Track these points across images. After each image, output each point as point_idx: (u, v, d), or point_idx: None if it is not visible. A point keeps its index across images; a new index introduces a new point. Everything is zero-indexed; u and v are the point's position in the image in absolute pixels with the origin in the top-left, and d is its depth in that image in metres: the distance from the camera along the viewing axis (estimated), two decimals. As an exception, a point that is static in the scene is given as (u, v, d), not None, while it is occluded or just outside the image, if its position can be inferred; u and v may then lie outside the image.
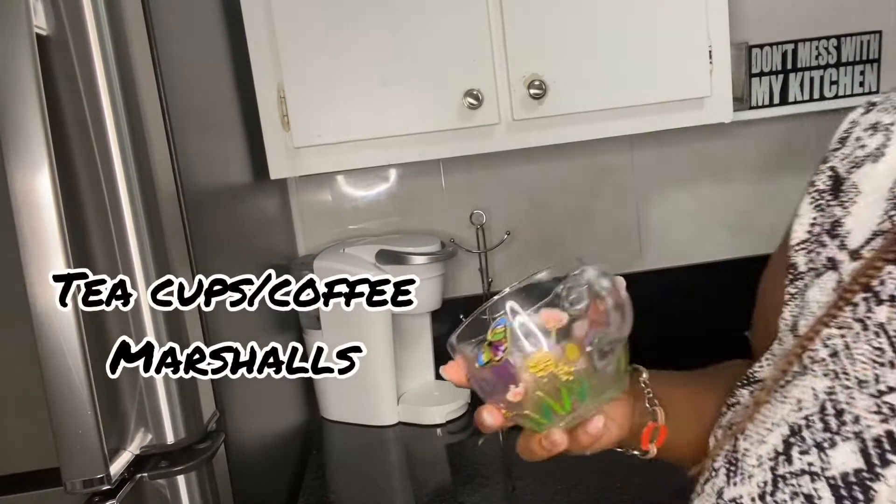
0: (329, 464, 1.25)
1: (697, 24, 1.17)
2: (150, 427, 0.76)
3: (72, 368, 0.64)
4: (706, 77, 1.18)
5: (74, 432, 0.65)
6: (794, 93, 1.36)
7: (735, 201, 1.57)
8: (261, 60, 1.16)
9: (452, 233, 1.50)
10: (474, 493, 1.07)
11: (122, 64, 0.72)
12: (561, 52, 1.16)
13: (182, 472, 0.77)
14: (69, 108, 0.70)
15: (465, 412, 1.36)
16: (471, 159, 1.50)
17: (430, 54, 1.15)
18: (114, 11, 0.72)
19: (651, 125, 1.21)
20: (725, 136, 1.55)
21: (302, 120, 1.16)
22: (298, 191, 1.52)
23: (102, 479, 0.66)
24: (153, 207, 0.75)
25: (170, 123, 0.81)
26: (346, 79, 1.15)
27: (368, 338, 1.32)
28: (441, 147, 1.20)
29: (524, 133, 1.20)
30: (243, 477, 0.91)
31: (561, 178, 1.54)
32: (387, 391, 1.34)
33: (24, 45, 0.62)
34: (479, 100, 1.15)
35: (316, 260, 1.34)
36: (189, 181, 0.85)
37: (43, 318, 0.63)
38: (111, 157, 0.72)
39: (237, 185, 1.13)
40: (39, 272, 0.63)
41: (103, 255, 0.73)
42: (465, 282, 1.55)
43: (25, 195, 0.62)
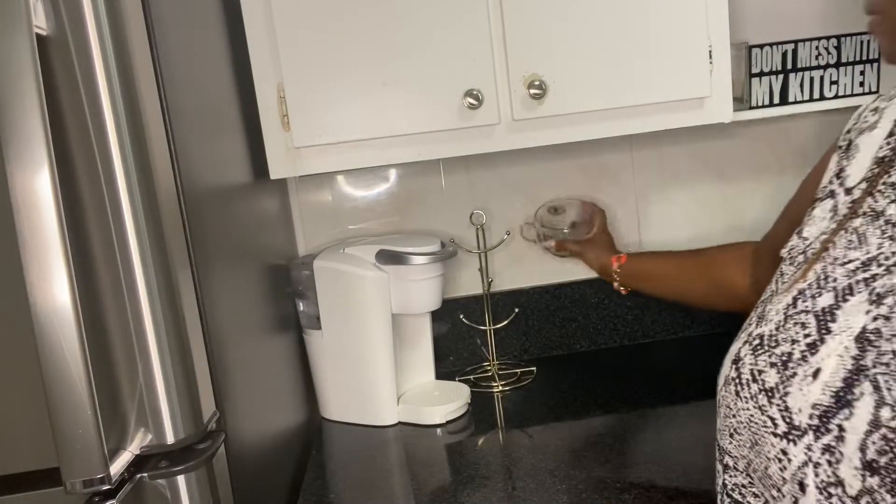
0: (329, 464, 1.25)
1: (697, 24, 1.17)
2: (150, 427, 0.76)
3: (72, 368, 0.64)
4: (706, 77, 1.18)
5: (74, 432, 0.65)
6: (794, 93, 1.36)
7: (735, 201, 1.57)
8: (261, 60, 1.16)
9: (452, 233, 1.50)
10: (474, 493, 1.07)
11: (122, 64, 0.72)
12: (561, 52, 1.16)
13: (182, 472, 0.77)
14: (69, 108, 0.70)
15: (465, 412, 1.36)
16: (471, 159, 1.50)
17: (430, 54, 1.15)
18: (114, 11, 0.72)
19: (651, 125, 1.21)
20: (725, 136, 1.55)
21: (302, 120, 1.16)
22: (298, 191, 1.52)
23: (102, 479, 0.66)
24: (153, 207, 0.75)
25: (170, 123, 0.81)
26: (346, 79, 1.15)
27: (368, 338, 1.33)
28: (441, 147, 1.20)
29: (524, 133, 1.20)
30: (243, 477, 0.91)
31: (561, 178, 1.54)
32: (387, 391, 1.34)
33: (24, 45, 0.62)
34: (479, 100, 1.15)
35: (316, 260, 1.34)
36: (189, 181, 0.85)
37: (43, 318, 0.63)
38: (111, 157, 0.72)
39: (237, 185, 1.13)
40: (39, 272, 0.63)
41: (103, 255, 0.73)
42: (465, 282, 1.55)
43: (25, 195, 0.62)
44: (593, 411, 1.31)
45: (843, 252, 0.65)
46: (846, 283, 0.63)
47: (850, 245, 0.65)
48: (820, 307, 0.64)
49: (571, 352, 1.58)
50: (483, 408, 1.38)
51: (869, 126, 0.72)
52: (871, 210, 0.66)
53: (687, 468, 1.07)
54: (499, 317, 1.53)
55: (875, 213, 0.65)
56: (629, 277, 1.18)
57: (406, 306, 1.34)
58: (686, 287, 1.11)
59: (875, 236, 0.64)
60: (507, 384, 1.46)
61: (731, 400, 0.69)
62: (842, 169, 0.73)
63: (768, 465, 0.65)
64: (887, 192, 0.65)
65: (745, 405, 0.67)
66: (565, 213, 1.31)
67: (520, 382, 1.46)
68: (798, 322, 0.65)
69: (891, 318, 0.58)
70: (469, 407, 1.37)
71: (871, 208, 0.66)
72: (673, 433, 1.22)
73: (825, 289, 0.65)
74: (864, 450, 0.56)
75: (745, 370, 0.68)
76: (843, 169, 0.73)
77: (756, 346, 0.68)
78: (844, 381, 0.59)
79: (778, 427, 0.63)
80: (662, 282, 1.15)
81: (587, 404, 1.34)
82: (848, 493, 0.57)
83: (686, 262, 1.13)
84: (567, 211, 1.31)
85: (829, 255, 0.67)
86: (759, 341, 0.68)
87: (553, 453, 1.17)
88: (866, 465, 0.56)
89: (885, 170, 0.67)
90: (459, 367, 1.56)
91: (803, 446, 0.61)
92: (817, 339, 0.62)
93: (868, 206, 0.66)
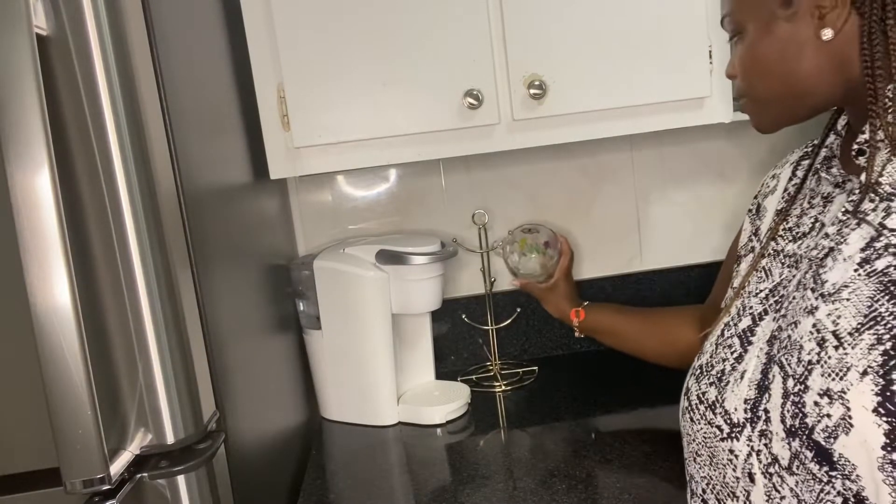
0: (329, 464, 1.25)
1: (697, 24, 1.17)
2: (150, 427, 0.76)
3: (72, 368, 0.64)
4: (706, 77, 1.18)
5: (74, 432, 0.65)
6: (794, 93, 1.36)
7: (734, 201, 1.57)
8: (261, 60, 1.16)
9: (452, 232, 1.50)
10: (474, 493, 1.07)
11: (122, 64, 0.72)
12: (561, 52, 1.16)
13: (182, 472, 0.77)
14: (69, 108, 0.70)
15: (465, 412, 1.36)
16: (471, 159, 1.50)
17: (430, 54, 1.15)
18: (114, 11, 0.72)
19: (651, 125, 1.21)
20: (725, 136, 1.55)
21: (302, 120, 1.16)
22: (298, 191, 1.52)
23: (102, 479, 0.66)
24: (153, 207, 0.75)
25: (170, 123, 0.81)
26: (346, 79, 1.15)
27: (368, 338, 1.33)
28: (441, 147, 1.20)
29: (524, 133, 1.20)
30: (243, 477, 0.91)
31: (561, 178, 1.54)
32: (387, 391, 1.34)
33: (24, 45, 0.62)
34: (479, 100, 1.15)
35: (316, 260, 1.34)
36: (189, 181, 0.85)
37: (43, 318, 0.63)
38: (111, 157, 0.72)
39: (237, 185, 1.13)
40: (39, 272, 0.63)
41: (103, 255, 0.73)
42: (466, 282, 1.55)
43: (25, 195, 0.62)
44: (594, 411, 1.31)
45: (755, 286, 0.80)
46: (760, 309, 0.77)
47: (759, 280, 0.80)
48: (741, 329, 0.77)
49: (572, 352, 1.58)
50: (483, 408, 1.38)
51: (770, 190, 0.89)
52: (773, 251, 0.80)
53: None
54: (500, 317, 1.53)
55: (776, 252, 0.80)
56: (587, 330, 1.28)
57: (406, 306, 1.34)
58: (640, 344, 1.20)
59: (777, 268, 0.78)
60: (510, 384, 1.46)
61: (688, 427, 0.80)
62: (757, 228, 0.88)
63: (724, 472, 0.74)
64: (786, 235, 0.80)
65: (699, 426, 0.78)
66: (538, 234, 1.36)
67: (521, 382, 1.46)
68: (726, 345, 0.78)
69: (786, 315, 0.72)
70: (469, 407, 1.37)
71: (774, 249, 0.80)
72: (673, 433, 1.22)
73: (744, 316, 0.78)
74: (784, 420, 0.67)
75: (693, 396, 0.80)
76: (758, 228, 0.88)
77: (698, 374, 0.81)
78: (762, 373, 0.72)
79: (723, 430, 0.74)
80: (617, 338, 1.24)
81: (587, 404, 1.34)
82: (782, 465, 0.67)
83: (641, 320, 1.21)
84: (540, 232, 1.36)
85: (745, 291, 0.81)
86: (700, 370, 0.80)
87: (553, 453, 1.17)
88: (788, 432, 0.66)
89: (783, 218, 0.82)
90: (460, 366, 1.56)
91: (745, 439, 0.71)
92: (742, 352, 0.76)
93: (771, 248, 0.81)
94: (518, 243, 1.37)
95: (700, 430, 0.78)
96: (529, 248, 1.36)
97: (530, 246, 1.36)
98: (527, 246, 1.37)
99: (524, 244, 1.36)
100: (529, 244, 1.36)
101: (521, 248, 1.37)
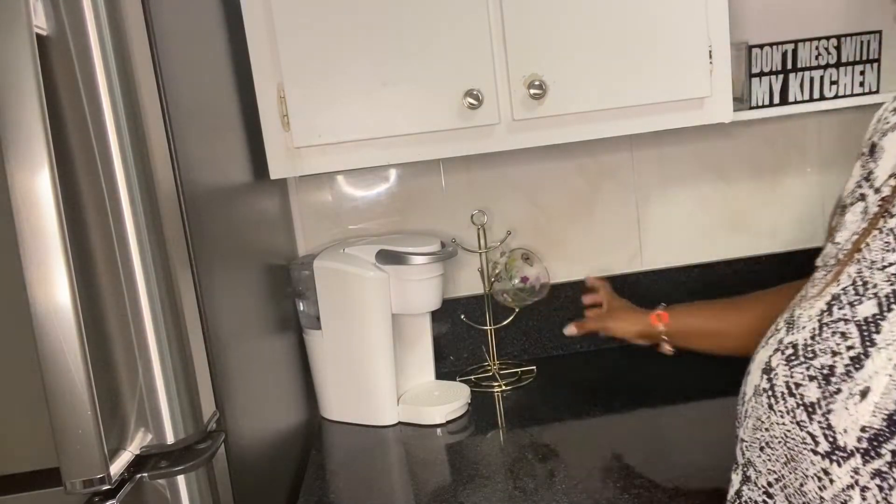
0: (329, 464, 1.25)
1: (697, 24, 1.17)
2: (150, 427, 0.76)
3: (72, 368, 0.64)
4: (706, 77, 1.18)
5: (74, 432, 0.65)
6: (794, 93, 1.36)
7: (735, 201, 1.57)
8: (261, 60, 1.16)
9: (452, 233, 1.50)
10: (474, 493, 1.07)
11: (122, 64, 0.72)
12: (561, 52, 1.16)
13: (182, 472, 0.77)
14: (69, 108, 0.70)
15: (465, 412, 1.36)
16: (471, 159, 1.50)
17: (429, 54, 1.15)
18: (114, 11, 0.72)
19: (651, 125, 1.21)
20: (725, 136, 1.55)
21: (302, 120, 1.16)
22: (298, 191, 1.52)
23: (102, 479, 0.66)
24: (153, 207, 0.75)
25: (170, 123, 0.81)
26: (346, 79, 1.15)
27: (368, 338, 1.33)
28: (441, 147, 1.20)
29: (524, 133, 1.20)
30: (243, 477, 0.91)
31: (561, 178, 1.54)
32: (387, 391, 1.34)
33: (24, 45, 0.62)
34: (479, 100, 1.15)
35: (316, 260, 1.34)
36: (189, 181, 0.85)
37: (43, 318, 0.63)
38: (111, 157, 0.72)
39: (237, 185, 1.13)
40: (39, 272, 0.63)
41: (103, 255, 0.73)
42: (465, 282, 1.55)
43: (25, 195, 0.62)
44: (593, 411, 1.31)
45: (879, 255, 0.62)
46: (889, 290, 0.60)
47: (886, 247, 0.62)
48: (861, 316, 0.61)
49: (571, 352, 1.58)
50: (483, 408, 1.38)
51: (891, 126, 0.69)
52: None
53: (687, 468, 1.07)
54: (499, 317, 1.52)
55: None
56: (677, 336, 1.03)
57: (406, 306, 1.34)
58: (744, 341, 0.90)
59: None
60: (508, 384, 1.46)
61: (762, 412, 0.67)
62: (870, 172, 0.70)
63: (805, 482, 0.63)
64: None
65: (781, 419, 0.64)
66: (532, 266, 1.42)
67: (520, 382, 1.46)
68: (837, 331, 0.62)
69: None
70: (469, 407, 1.37)
71: None
72: (673, 433, 1.22)
73: (865, 296, 0.61)
74: None
75: (779, 382, 0.65)
76: (872, 171, 0.70)
77: (790, 355, 0.65)
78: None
79: (819, 445, 0.61)
80: (714, 339, 1.01)
81: (587, 404, 1.34)
82: None
83: (738, 313, 1.01)
84: (535, 265, 1.40)
85: (863, 257, 0.63)
86: (793, 351, 0.65)
87: (553, 453, 1.17)
88: None
89: None
90: (459, 367, 1.56)
91: (849, 468, 0.59)
92: (861, 353, 0.60)
93: None
94: (508, 260, 1.45)
95: (780, 424, 0.65)
96: (511, 270, 1.44)
97: (515, 268, 1.44)
98: (513, 267, 1.44)
99: (513, 262, 1.44)
100: (517, 266, 1.44)
101: (509, 266, 1.45)
